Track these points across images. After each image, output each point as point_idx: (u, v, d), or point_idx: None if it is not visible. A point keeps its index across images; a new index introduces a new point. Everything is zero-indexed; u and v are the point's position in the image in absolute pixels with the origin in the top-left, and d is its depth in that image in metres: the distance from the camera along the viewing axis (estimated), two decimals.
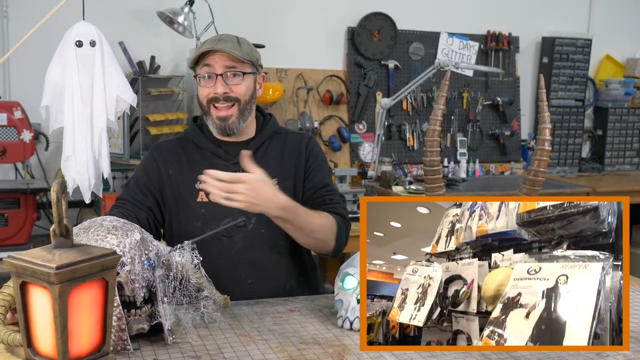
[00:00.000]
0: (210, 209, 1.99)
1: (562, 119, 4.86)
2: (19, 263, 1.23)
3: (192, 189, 2.02)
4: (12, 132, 3.11)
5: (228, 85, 1.99)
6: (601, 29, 4.96)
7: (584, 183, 4.36)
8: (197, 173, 1.99)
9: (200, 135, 2.09)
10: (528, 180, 1.73)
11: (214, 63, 1.98)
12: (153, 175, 2.05)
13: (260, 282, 2.00)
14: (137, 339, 1.50)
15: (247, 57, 2.00)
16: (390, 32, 4.38)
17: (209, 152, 2.07)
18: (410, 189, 3.77)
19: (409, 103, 4.44)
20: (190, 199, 2.02)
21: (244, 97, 2.01)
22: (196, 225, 1.99)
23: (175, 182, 2.04)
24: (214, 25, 3.74)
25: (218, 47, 1.97)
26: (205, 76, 2.00)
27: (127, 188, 2.06)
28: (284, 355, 1.47)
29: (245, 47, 2.02)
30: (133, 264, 1.45)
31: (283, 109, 4.14)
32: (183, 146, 2.09)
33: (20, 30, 3.51)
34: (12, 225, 3.12)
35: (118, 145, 3.48)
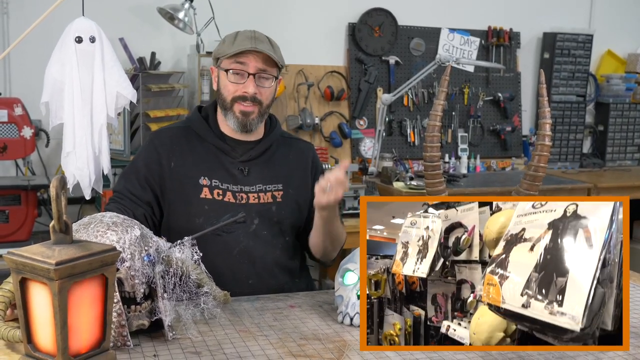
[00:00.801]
0: (214, 206, 1.96)
1: (563, 115, 4.85)
2: (19, 259, 1.22)
3: (196, 184, 1.97)
4: (13, 128, 3.11)
5: (258, 86, 1.97)
6: (602, 24, 4.95)
7: (585, 179, 4.35)
8: (201, 167, 1.99)
9: (206, 128, 2.04)
10: (528, 175, 1.72)
11: (248, 62, 1.95)
12: (154, 167, 1.99)
13: (261, 282, 1.99)
14: (137, 335, 1.50)
15: (281, 60, 1.99)
16: (391, 28, 4.37)
17: (214, 146, 2.02)
18: (411, 185, 3.76)
19: (410, 99, 4.44)
20: (194, 194, 1.97)
21: (266, 101, 2.00)
22: (197, 222, 1.95)
23: (177, 176, 1.98)
24: (214, 22, 3.74)
25: (259, 47, 1.94)
26: (236, 72, 1.97)
27: (125, 179, 2.00)
28: (284, 350, 1.47)
29: (278, 51, 2.01)
30: (133, 260, 1.45)
31: (284, 105, 4.14)
32: (186, 136, 2.04)
33: (21, 26, 3.51)
34: (13, 221, 3.12)
35: (118, 142, 3.48)
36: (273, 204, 2.01)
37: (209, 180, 1.98)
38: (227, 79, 1.97)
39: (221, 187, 1.98)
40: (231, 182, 1.99)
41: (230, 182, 1.99)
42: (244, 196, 1.99)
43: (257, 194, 2.00)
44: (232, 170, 2.00)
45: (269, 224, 2.00)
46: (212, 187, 1.97)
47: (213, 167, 2.00)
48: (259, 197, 2.00)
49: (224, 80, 1.99)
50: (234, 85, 1.97)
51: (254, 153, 2.04)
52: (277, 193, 2.03)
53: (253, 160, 2.03)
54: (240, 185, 1.99)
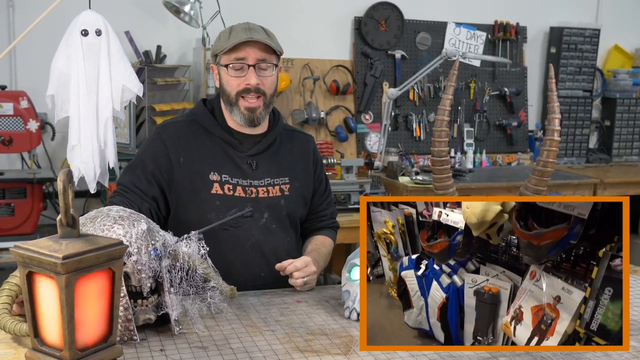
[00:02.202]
0: (225, 201, 1.95)
1: (570, 110, 4.83)
2: (26, 253, 1.22)
3: (206, 180, 1.96)
4: (19, 121, 3.10)
5: (259, 77, 1.96)
6: (610, 19, 4.93)
7: (591, 174, 4.34)
8: (210, 161, 1.98)
9: (213, 121, 2.03)
10: (537, 171, 1.71)
11: (246, 54, 1.94)
12: (162, 162, 1.97)
13: (272, 274, 1.98)
14: (144, 330, 1.50)
15: (278, 48, 1.98)
16: (397, 22, 4.35)
17: (222, 140, 2.01)
18: (416, 180, 3.75)
19: (416, 93, 4.42)
20: (204, 190, 1.96)
21: (269, 91, 1.99)
22: (209, 217, 1.93)
23: (187, 171, 1.97)
24: (220, 15, 3.72)
25: (255, 37, 1.93)
26: (236, 67, 1.95)
27: (131, 173, 1.97)
28: (290, 345, 1.47)
29: (274, 38, 2.00)
30: (140, 254, 1.44)
31: (289, 99, 4.13)
32: (193, 130, 2.02)
33: (27, 19, 3.49)
34: (19, 215, 3.12)
35: (124, 135, 3.48)
36: (282, 197, 2.02)
37: (218, 175, 1.97)
38: (228, 74, 1.97)
39: (231, 182, 1.97)
40: (240, 177, 1.99)
41: (239, 176, 1.99)
42: (254, 190, 1.99)
43: (266, 188, 2.00)
44: (241, 165, 2.00)
45: (279, 218, 2.01)
46: (223, 182, 1.97)
47: (222, 162, 1.99)
48: (268, 191, 2.00)
49: (226, 76, 1.98)
50: (235, 79, 1.96)
51: (261, 147, 2.03)
52: (284, 187, 2.03)
53: (260, 154, 2.03)
54: (250, 179, 1.99)
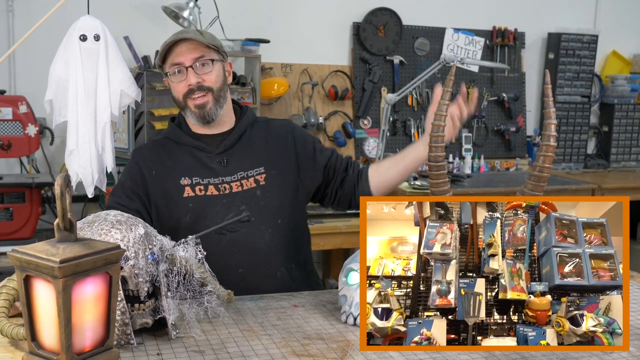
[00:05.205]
0: (198, 202, 2.00)
1: (568, 115, 4.84)
2: (23, 257, 1.22)
3: (178, 185, 2.02)
4: (18, 126, 3.11)
5: (199, 75, 2.00)
6: (608, 24, 4.94)
7: (590, 179, 4.35)
8: (181, 169, 2.04)
9: (180, 133, 2.10)
10: (533, 176, 1.71)
11: (182, 58, 2.00)
12: (137, 178, 2.05)
13: (252, 269, 1.99)
14: (141, 334, 1.50)
15: (212, 42, 2.02)
16: (396, 28, 4.37)
17: (190, 146, 2.07)
18: (415, 185, 3.76)
19: (414, 99, 4.44)
20: (177, 195, 2.02)
21: (215, 85, 2.03)
22: (184, 221, 1.99)
23: (160, 181, 2.04)
24: (219, 20, 3.74)
25: (186, 36, 1.99)
26: (176, 71, 2.01)
27: (112, 195, 2.06)
28: (287, 350, 1.47)
29: (207, 35, 2.04)
30: (137, 258, 1.45)
31: (288, 104, 4.14)
32: (163, 145, 2.10)
33: (26, 24, 3.51)
34: (17, 219, 3.13)
35: (123, 140, 3.48)
36: (257, 188, 2.04)
37: (189, 179, 2.03)
38: (172, 81, 2.03)
39: (202, 182, 2.02)
40: (212, 176, 2.03)
41: (210, 176, 2.03)
42: (227, 186, 2.02)
43: (239, 182, 2.03)
44: (211, 164, 2.04)
45: (257, 209, 2.02)
46: (194, 184, 2.02)
47: (192, 166, 2.04)
48: (242, 184, 2.03)
49: (172, 84, 2.05)
50: (179, 84, 2.02)
51: (229, 142, 2.07)
52: (259, 177, 2.06)
53: (230, 150, 2.07)
54: (221, 176, 2.03)
